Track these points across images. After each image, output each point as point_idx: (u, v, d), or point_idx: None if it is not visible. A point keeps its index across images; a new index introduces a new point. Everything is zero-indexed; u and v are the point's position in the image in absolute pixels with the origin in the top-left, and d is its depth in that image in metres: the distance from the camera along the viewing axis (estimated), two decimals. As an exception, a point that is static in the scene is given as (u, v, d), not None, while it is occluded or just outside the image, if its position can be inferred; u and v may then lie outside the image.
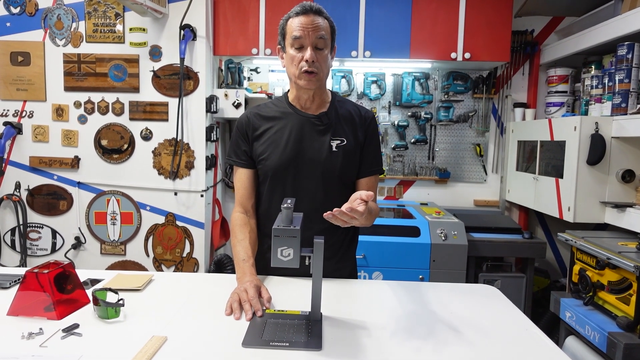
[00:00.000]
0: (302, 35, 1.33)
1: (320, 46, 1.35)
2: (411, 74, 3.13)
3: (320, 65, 1.36)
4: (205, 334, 1.04)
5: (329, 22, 1.39)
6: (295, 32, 1.33)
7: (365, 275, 2.48)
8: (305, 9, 1.34)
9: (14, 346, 0.96)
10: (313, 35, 1.33)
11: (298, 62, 1.35)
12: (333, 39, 1.41)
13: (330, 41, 1.38)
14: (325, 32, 1.35)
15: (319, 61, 1.35)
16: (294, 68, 1.37)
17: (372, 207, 1.37)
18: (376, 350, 0.99)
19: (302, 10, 1.34)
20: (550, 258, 3.19)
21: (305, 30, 1.32)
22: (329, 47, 1.38)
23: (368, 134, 1.48)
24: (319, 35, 1.33)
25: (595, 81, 2.43)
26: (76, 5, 2.74)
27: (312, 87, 1.38)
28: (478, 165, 3.22)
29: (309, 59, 1.33)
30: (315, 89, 1.40)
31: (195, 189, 2.80)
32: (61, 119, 2.80)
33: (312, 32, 1.33)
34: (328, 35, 1.37)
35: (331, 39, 1.39)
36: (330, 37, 1.39)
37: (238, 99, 2.81)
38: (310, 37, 1.33)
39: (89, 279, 1.36)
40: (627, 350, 1.69)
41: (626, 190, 2.22)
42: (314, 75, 1.36)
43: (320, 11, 1.36)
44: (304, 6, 1.35)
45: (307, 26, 1.32)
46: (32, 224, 2.87)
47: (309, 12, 1.34)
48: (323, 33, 1.34)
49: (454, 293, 1.37)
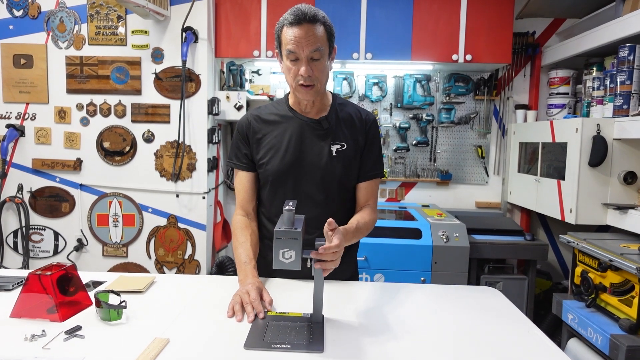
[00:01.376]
0: (296, 50, 1.27)
1: (316, 57, 1.29)
2: (412, 75, 3.13)
3: (317, 76, 1.31)
4: (207, 336, 1.05)
5: (326, 27, 1.31)
6: (289, 46, 1.27)
7: (367, 277, 2.48)
8: (298, 19, 1.26)
9: (17, 348, 0.97)
10: (307, 49, 1.27)
11: (294, 74, 1.31)
12: (331, 43, 1.34)
13: (327, 48, 1.32)
14: (321, 42, 1.28)
15: (316, 73, 1.31)
16: (290, 79, 1.34)
17: (359, 221, 1.35)
18: (378, 353, 0.99)
19: (296, 20, 1.26)
20: (552, 260, 3.18)
21: (300, 45, 1.26)
22: (325, 56, 1.32)
23: (369, 138, 1.46)
24: (314, 49, 1.27)
25: (596, 83, 2.42)
26: (78, 8, 2.75)
27: (309, 98, 1.37)
28: (480, 167, 3.22)
29: (304, 74, 1.29)
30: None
31: (197, 191, 2.80)
32: (63, 121, 2.80)
33: (307, 46, 1.26)
34: (324, 43, 1.30)
35: (329, 44, 1.32)
36: (328, 43, 1.32)
37: (240, 101, 2.82)
38: (304, 51, 1.27)
39: (91, 281, 1.37)
40: (629, 353, 1.68)
41: (628, 192, 2.22)
42: (311, 87, 1.33)
43: (314, 18, 1.27)
44: (297, 15, 1.26)
45: (300, 40, 1.26)
46: (35, 226, 2.88)
47: (303, 21, 1.26)
48: (319, 45, 1.28)
49: (455, 295, 1.37)
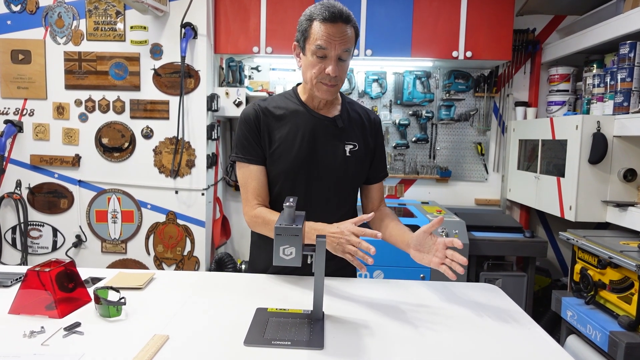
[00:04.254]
0: (328, 47, 1.23)
1: (344, 58, 1.27)
2: (412, 72, 3.12)
3: (341, 76, 1.29)
4: (207, 332, 1.04)
5: (355, 29, 1.29)
6: (321, 42, 1.23)
7: (367, 274, 2.48)
8: (334, 17, 1.21)
9: (15, 345, 0.96)
10: (340, 48, 1.24)
11: (319, 71, 1.27)
12: (356, 45, 1.32)
13: (353, 49, 1.30)
14: (351, 43, 1.26)
15: (341, 73, 1.28)
16: (312, 74, 1.28)
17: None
18: (378, 349, 0.99)
19: (332, 17, 1.21)
20: (551, 257, 3.19)
21: (333, 43, 1.23)
22: (351, 57, 1.30)
23: (378, 140, 1.46)
24: (346, 49, 1.24)
25: (597, 80, 2.42)
26: (77, 4, 2.74)
27: (329, 97, 1.33)
28: (479, 164, 3.22)
29: (332, 74, 1.25)
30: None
31: (196, 188, 2.79)
32: (62, 117, 2.79)
33: (339, 44, 1.23)
34: (353, 45, 1.28)
35: (354, 45, 1.30)
36: (354, 45, 1.30)
37: (239, 97, 2.81)
38: (336, 50, 1.24)
39: (90, 277, 1.36)
40: (628, 350, 1.69)
41: (628, 189, 2.22)
42: (334, 87, 1.30)
43: (349, 18, 1.25)
44: (333, 13, 1.22)
45: (334, 38, 1.22)
46: (33, 222, 2.87)
47: (339, 20, 1.22)
48: (350, 46, 1.25)
49: (455, 292, 1.37)
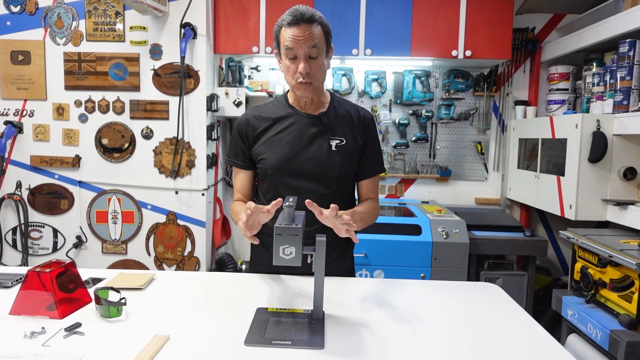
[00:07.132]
0: (294, 47, 1.31)
1: (314, 55, 1.33)
2: (412, 71, 3.12)
3: (315, 74, 1.35)
4: (207, 332, 1.04)
5: (323, 26, 1.35)
6: (287, 43, 1.31)
7: (367, 274, 2.48)
8: (296, 19, 1.30)
9: (16, 345, 0.96)
10: (305, 46, 1.30)
11: (293, 72, 1.35)
12: (328, 42, 1.37)
13: (325, 46, 1.35)
14: (318, 40, 1.32)
15: (314, 70, 1.34)
16: (289, 77, 1.37)
17: (359, 208, 1.43)
18: (378, 348, 0.99)
19: (294, 20, 1.30)
20: (551, 256, 3.19)
21: (298, 42, 1.30)
22: (323, 54, 1.35)
23: (369, 137, 1.49)
24: (312, 45, 1.31)
25: (596, 79, 2.42)
26: (76, 4, 2.73)
27: (308, 95, 1.40)
28: (479, 163, 3.22)
29: (303, 72, 1.32)
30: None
31: (196, 188, 2.79)
32: (62, 117, 2.79)
33: (304, 43, 1.30)
34: (322, 41, 1.34)
35: (326, 43, 1.36)
36: (325, 42, 1.36)
37: (239, 97, 2.81)
38: (302, 49, 1.31)
39: (90, 278, 1.36)
40: (629, 348, 1.69)
41: (628, 188, 2.22)
42: (309, 84, 1.36)
43: (312, 19, 1.31)
44: (294, 16, 1.30)
45: (298, 38, 1.30)
46: (34, 223, 2.87)
47: (301, 21, 1.29)
48: (316, 42, 1.31)
49: (455, 291, 1.37)
